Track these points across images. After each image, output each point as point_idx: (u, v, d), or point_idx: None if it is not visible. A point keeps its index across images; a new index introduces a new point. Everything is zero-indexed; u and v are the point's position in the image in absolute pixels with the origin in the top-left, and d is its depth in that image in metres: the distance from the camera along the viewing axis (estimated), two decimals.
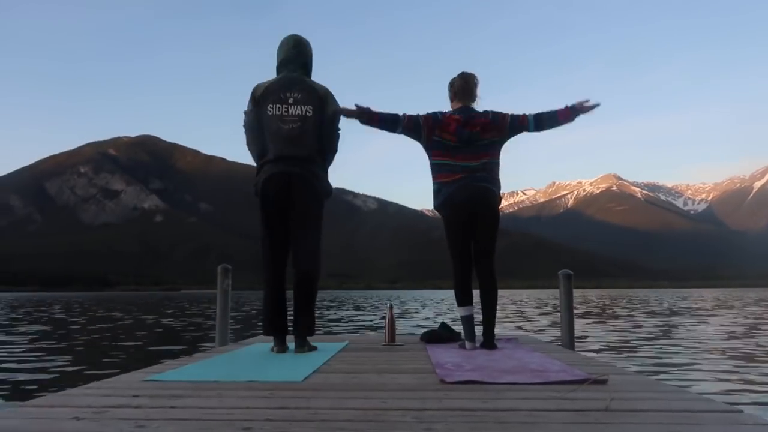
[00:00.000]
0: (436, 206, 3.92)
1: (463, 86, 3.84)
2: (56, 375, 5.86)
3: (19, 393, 4.79)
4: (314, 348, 3.84)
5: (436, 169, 3.84)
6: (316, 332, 4.12)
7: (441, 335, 4.54)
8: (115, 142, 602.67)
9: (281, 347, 3.72)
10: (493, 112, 3.83)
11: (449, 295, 63.90)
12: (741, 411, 1.98)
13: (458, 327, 4.57)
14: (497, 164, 3.85)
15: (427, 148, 3.87)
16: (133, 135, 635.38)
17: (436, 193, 3.86)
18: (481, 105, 3.91)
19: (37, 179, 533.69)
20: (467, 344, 3.84)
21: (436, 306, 26.42)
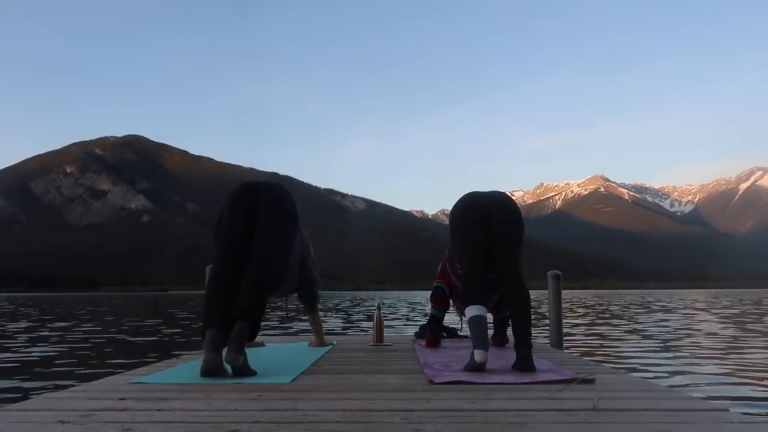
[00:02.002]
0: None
1: None
2: (40, 378, 5.79)
3: (2, 397, 4.72)
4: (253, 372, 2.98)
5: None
6: (304, 334, 4.11)
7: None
8: (102, 141, 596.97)
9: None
10: None
11: None
12: (727, 409, 1.99)
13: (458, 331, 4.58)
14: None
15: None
16: (120, 135, 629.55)
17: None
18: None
19: (22, 179, 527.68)
20: (477, 354, 2.92)
21: (423, 306, 26.45)
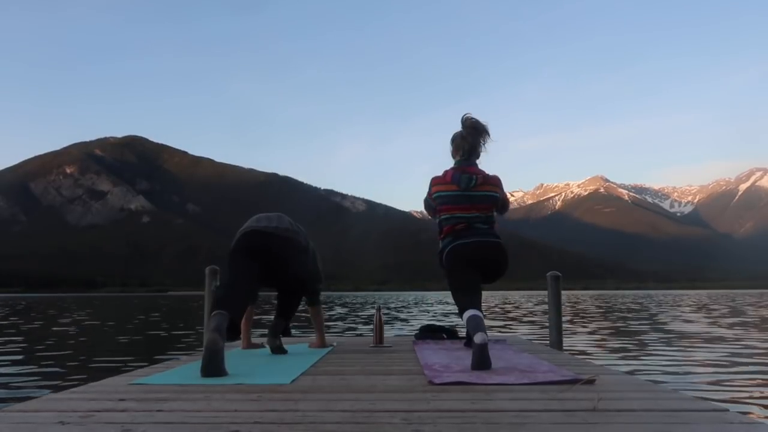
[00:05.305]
0: (440, 262, 3.63)
1: (463, 145, 3.62)
2: (41, 379, 5.79)
3: (2, 397, 4.72)
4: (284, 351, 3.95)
5: (441, 224, 3.66)
6: (305, 334, 4.14)
7: (437, 329, 4.70)
8: (102, 142, 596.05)
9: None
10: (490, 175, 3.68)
11: (439, 296, 63.96)
12: (727, 410, 1.99)
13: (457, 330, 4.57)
14: (494, 219, 3.68)
15: (435, 210, 3.71)
16: (119, 135, 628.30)
17: (441, 249, 3.64)
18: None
19: (22, 179, 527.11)
20: (477, 336, 3.06)
21: (425, 306, 26.45)
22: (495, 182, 3.61)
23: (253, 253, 3.45)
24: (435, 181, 3.65)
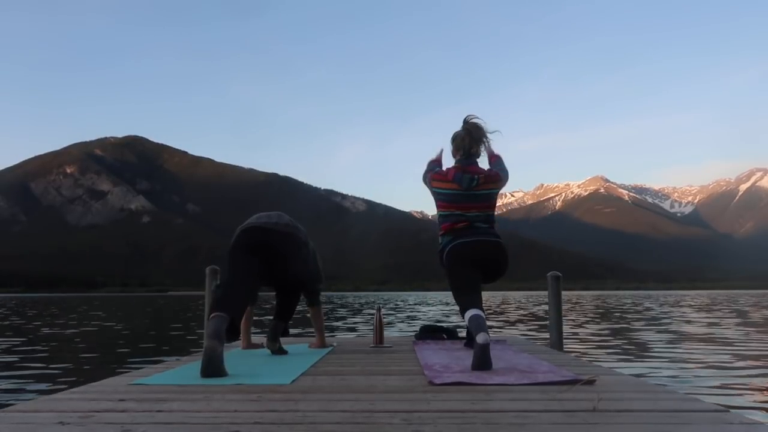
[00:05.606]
0: (440, 261, 3.64)
1: (464, 145, 3.64)
2: (41, 379, 5.79)
3: (2, 398, 4.72)
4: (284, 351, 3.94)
5: (440, 221, 3.66)
6: (304, 335, 4.14)
7: (437, 329, 4.70)
8: (102, 142, 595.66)
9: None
10: (488, 170, 3.68)
11: (439, 297, 63.97)
12: (727, 410, 2.00)
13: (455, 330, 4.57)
14: (494, 219, 3.69)
15: (435, 200, 3.71)
16: (120, 135, 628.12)
17: (442, 247, 3.62)
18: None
19: (22, 179, 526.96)
20: (479, 337, 3.05)
21: (427, 306, 26.45)
22: (496, 179, 3.61)
23: (253, 249, 3.44)
24: (435, 177, 3.66)
